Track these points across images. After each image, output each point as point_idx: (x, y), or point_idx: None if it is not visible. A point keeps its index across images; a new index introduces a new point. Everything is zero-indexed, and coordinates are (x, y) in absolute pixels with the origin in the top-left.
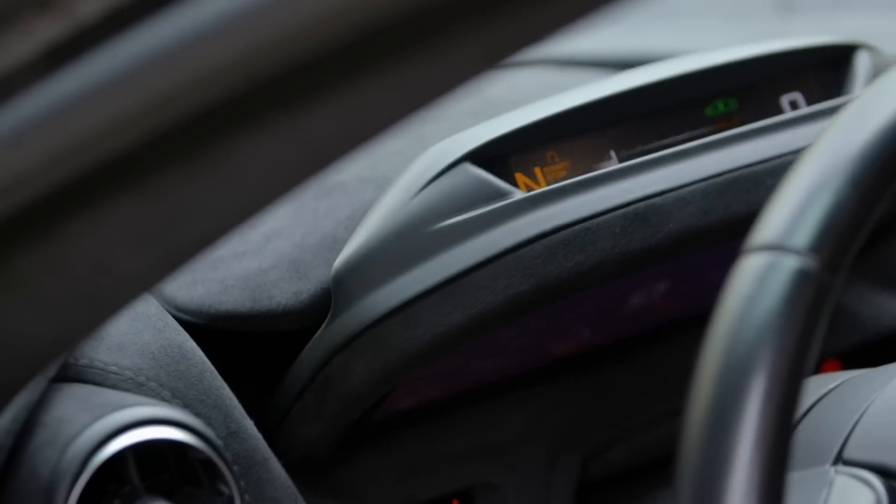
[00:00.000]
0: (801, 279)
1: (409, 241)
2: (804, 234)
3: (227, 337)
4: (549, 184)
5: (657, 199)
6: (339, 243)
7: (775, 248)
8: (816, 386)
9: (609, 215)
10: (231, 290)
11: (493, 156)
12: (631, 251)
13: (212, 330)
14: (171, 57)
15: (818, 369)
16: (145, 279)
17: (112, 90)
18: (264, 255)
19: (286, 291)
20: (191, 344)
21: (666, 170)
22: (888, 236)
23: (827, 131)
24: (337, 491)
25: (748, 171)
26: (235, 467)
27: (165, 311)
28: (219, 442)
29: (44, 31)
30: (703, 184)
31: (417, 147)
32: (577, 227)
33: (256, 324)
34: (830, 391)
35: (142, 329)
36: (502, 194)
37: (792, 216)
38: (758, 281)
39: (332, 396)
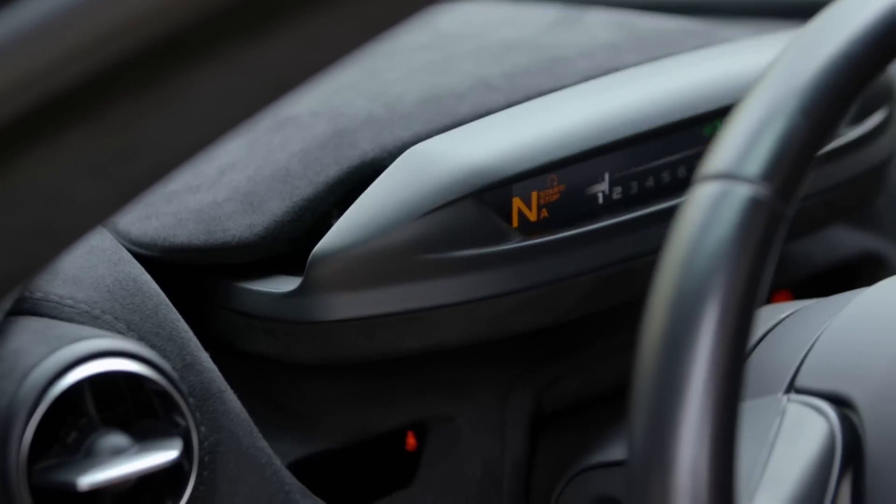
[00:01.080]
0: (754, 207)
1: (397, 261)
2: (756, 163)
3: (182, 270)
4: (540, 208)
5: (632, 263)
6: (292, 176)
7: (727, 176)
8: (768, 315)
9: (583, 277)
10: (185, 224)
11: (499, 186)
12: (592, 311)
13: (166, 263)
14: None
15: (769, 300)
16: (101, 211)
17: (63, 21)
18: (218, 189)
19: (240, 224)
20: (146, 277)
21: (650, 230)
22: None
23: (778, 60)
24: (291, 422)
25: None
26: (191, 399)
27: (120, 245)
28: (174, 374)
29: None
30: None
31: (370, 80)
32: (550, 287)
33: (211, 256)
34: (782, 320)
35: (97, 262)
36: (498, 235)
37: (744, 144)
38: (710, 209)
39: (268, 342)
